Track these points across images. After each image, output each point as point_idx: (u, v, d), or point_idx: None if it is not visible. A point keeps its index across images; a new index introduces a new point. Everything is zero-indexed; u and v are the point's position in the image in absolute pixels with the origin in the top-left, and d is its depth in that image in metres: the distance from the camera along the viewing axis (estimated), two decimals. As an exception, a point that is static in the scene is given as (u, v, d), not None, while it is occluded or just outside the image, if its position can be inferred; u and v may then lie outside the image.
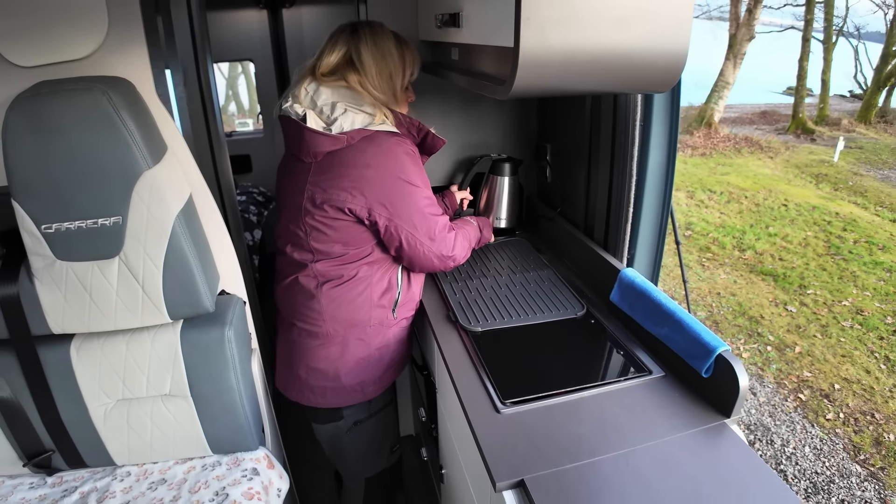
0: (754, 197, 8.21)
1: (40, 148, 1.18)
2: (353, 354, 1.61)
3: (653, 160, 1.55)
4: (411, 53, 1.55)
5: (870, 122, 13.86)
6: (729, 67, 12.00)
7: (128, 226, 1.26)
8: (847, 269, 6.01)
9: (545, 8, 0.95)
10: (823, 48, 13.67)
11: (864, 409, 3.99)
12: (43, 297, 1.32)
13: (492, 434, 1.18)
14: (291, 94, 1.49)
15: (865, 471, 3.47)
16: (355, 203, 1.43)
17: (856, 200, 8.29)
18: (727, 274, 5.98)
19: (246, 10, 3.82)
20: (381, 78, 1.48)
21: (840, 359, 4.52)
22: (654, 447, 1.15)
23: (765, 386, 4.21)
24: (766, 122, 13.99)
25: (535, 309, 1.68)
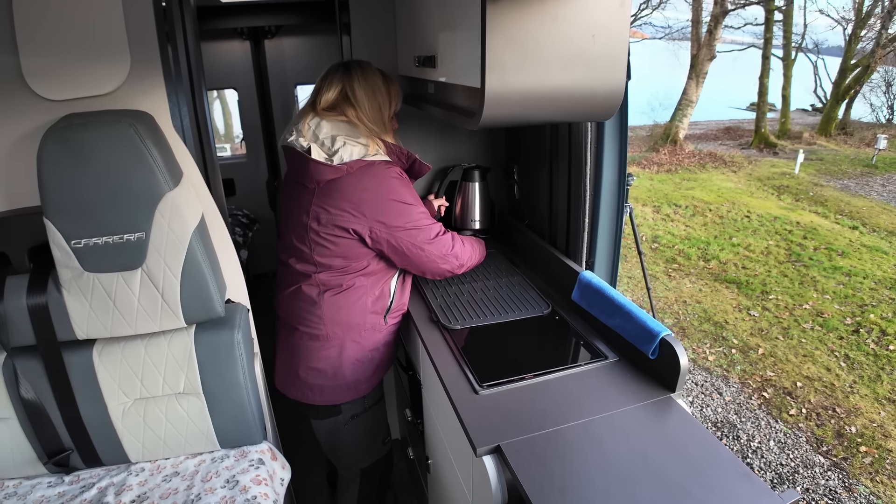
0: (718, 210, 8.56)
1: (73, 173, 1.36)
2: (349, 355, 1.81)
3: (606, 176, 1.79)
4: (395, 88, 1.78)
5: (830, 134, 14.44)
6: (692, 86, 12.49)
7: (150, 240, 1.45)
8: (808, 274, 6.34)
9: (504, 56, 1.18)
10: (783, 65, 14.24)
11: (826, 404, 4.26)
12: (70, 306, 1.49)
13: (471, 411, 1.39)
14: (295, 129, 1.72)
15: (828, 461, 3.71)
16: (357, 223, 1.65)
17: (816, 210, 8.69)
18: (693, 283, 6.26)
19: (230, 40, 3.99)
20: (372, 111, 1.71)
21: (801, 358, 4.80)
22: (609, 417, 1.36)
23: (730, 386, 4.46)
24: (731, 138, 14.52)
25: (507, 308, 1.90)
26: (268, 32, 4.04)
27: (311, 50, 4.15)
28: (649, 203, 8.96)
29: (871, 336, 5.12)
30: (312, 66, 4.14)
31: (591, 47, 1.23)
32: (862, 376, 4.58)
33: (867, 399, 4.31)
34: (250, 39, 4.03)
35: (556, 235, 2.06)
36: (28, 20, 1.44)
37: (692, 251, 7.08)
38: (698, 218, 8.31)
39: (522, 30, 1.17)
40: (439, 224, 1.81)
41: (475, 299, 1.97)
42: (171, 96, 1.60)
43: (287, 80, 4.21)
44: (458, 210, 2.39)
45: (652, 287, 6.10)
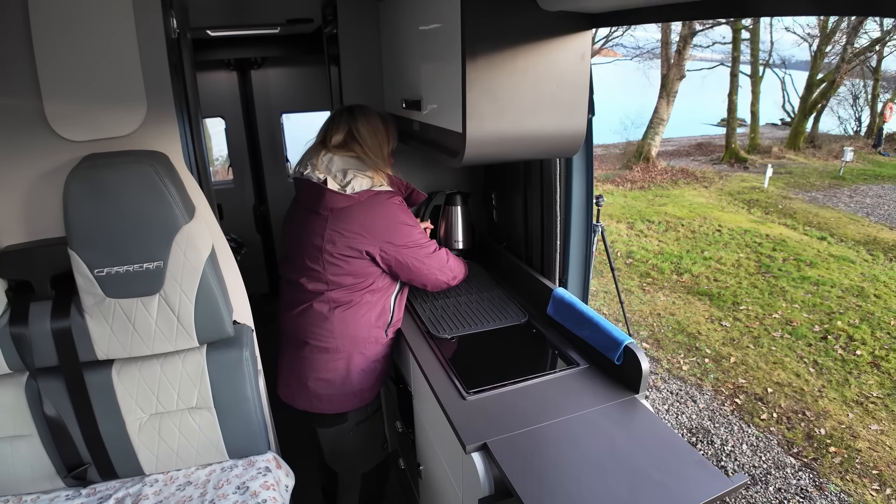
0: (690, 224, 8.85)
1: (97, 209, 1.52)
2: (355, 366, 2.00)
3: (575, 201, 2.00)
4: (392, 128, 2.01)
5: (799, 147, 14.92)
6: (663, 105, 12.88)
7: (168, 268, 1.61)
8: (777, 285, 6.61)
9: (482, 106, 1.40)
10: (751, 82, 14.73)
11: (796, 408, 4.47)
12: (92, 329, 1.64)
13: (460, 414, 1.56)
14: (310, 163, 1.92)
15: (799, 462, 3.92)
16: (369, 244, 1.86)
17: (785, 222, 9.02)
18: (666, 296, 6.49)
19: (217, 71, 4.14)
20: (374, 147, 1.93)
21: (772, 365, 5.03)
22: (582, 416, 1.55)
23: (704, 394, 4.67)
24: (702, 154, 14.95)
25: (489, 319, 2.13)
26: (254, 63, 4.20)
27: (296, 80, 4.32)
28: (623, 220, 9.23)
29: (838, 342, 5.37)
30: (297, 95, 4.31)
31: (557, 95, 1.45)
32: (830, 381, 4.82)
33: (836, 402, 4.54)
34: (237, 70, 4.18)
35: (531, 256, 2.27)
36: (50, 67, 1.59)
37: (665, 265, 7.32)
38: (671, 233, 8.59)
39: (497, 83, 1.39)
40: (435, 242, 2.02)
41: (460, 311, 2.18)
42: (183, 137, 1.77)
43: (272, 108, 4.36)
44: (443, 232, 2.59)
45: (627, 301, 6.32)
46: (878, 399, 4.56)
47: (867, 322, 5.69)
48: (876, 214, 9.49)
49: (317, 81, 4.10)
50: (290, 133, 4.44)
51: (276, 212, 4.44)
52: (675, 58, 12.55)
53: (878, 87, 15.86)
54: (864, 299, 6.17)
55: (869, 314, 5.84)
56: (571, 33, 1.42)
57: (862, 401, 4.56)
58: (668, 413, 4.44)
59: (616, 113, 15.42)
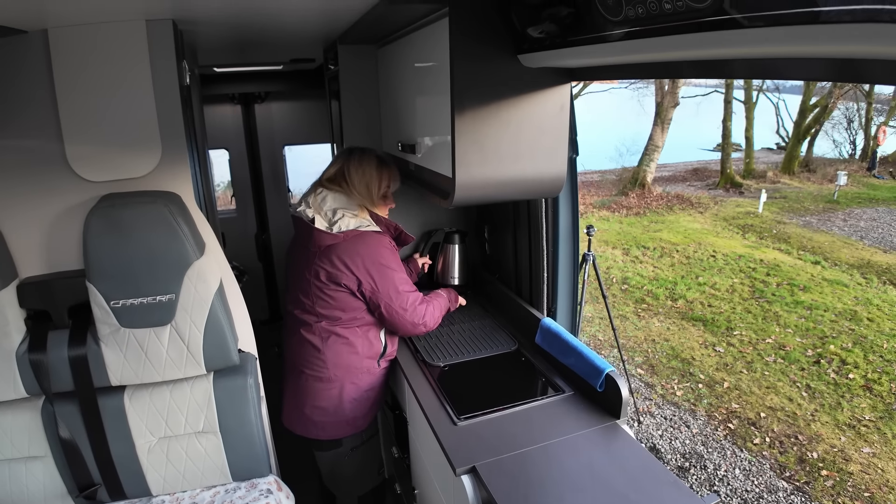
0: (685, 250, 8.96)
1: (115, 245, 1.64)
2: (348, 395, 2.10)
3: (562, 235, 2.12)
4: (389, 171, 2.13)
5: (793, 172, 15.03)
6: (658, 132, 13.05)
7: (179, 301, 1.72)
8: (770, 309, 6.70)
9: (470, 154, 1.54)
10: (745, 107, 14.91)
11: (789, 432, 4.54)
12: (107, 357, 1.74)
13: (451, 438, 1.67)
14: (304, 201, 2.06)
15: (791, 486, 3.98)
16: (349, 279, 1.97)
17: (780, 247, 9.12)
18: (661, 322, 6.58)
19: (222, 104, 4.28)
20: (361, 186, 2.05)
21: (765, 390, 5.10)
22: (566, 440, 1.65)
23: (697, 419, 4.74)
24: (698, 179, 15.10)
25: (480, 348, 2.24)
26: (258, 97, 4.35)
27: (299, 113, 4.46)
28: (619, 246, 9.36)
29: (831, 366, 5.45)
30: (299, 128, 4.46)
31: (538, 143, 1.59)
32: (823, 405, 4.89)
33: (828, 426, 4.61)
34: (241, 104, 4.33)
35: (521, 287, 2.39)
36: (71, 112, 1.73)
37: (660, 291, 7.43)
38: (666, 259, 8.70)
39: (483, 134, 1.53)
40: (418, 294, 2.12)
41: (453, 340, 2.30)
42: (194, 178, 1.90)
43: (275, 141, 4.50)
44: (440, 268, 2.73)
45: (623, 327, 6.41)
46: (871, 422, 4.63)
47: (860, 346, 5.77)
48: (870, 238, 9.60)
49: (318, 115, 4.25)
50: (291, 164, 4.57)
51: (277, 240, 4.55)
52: (670, 86, 12.77)
53: (871, 110, 16.02)
54: (858, 323, 6.25)
55: (862, 338, 5.92)
56: (551, 87, 1.56)
57: (854, 424, 4.62)
58: (662, 438, 4.50)
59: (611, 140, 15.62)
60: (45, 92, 1.71)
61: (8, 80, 1.69)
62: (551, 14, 1.23)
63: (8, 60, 1.67)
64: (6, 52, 1.66)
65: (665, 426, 4.65)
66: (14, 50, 1.67)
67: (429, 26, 1.71)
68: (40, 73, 1.70)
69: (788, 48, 0.84)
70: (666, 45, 1.01)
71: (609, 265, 8.41)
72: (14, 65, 1.68)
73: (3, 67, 1.67)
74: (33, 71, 1.69)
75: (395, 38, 2.14)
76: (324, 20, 1.98)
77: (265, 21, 1.92)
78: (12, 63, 1.68)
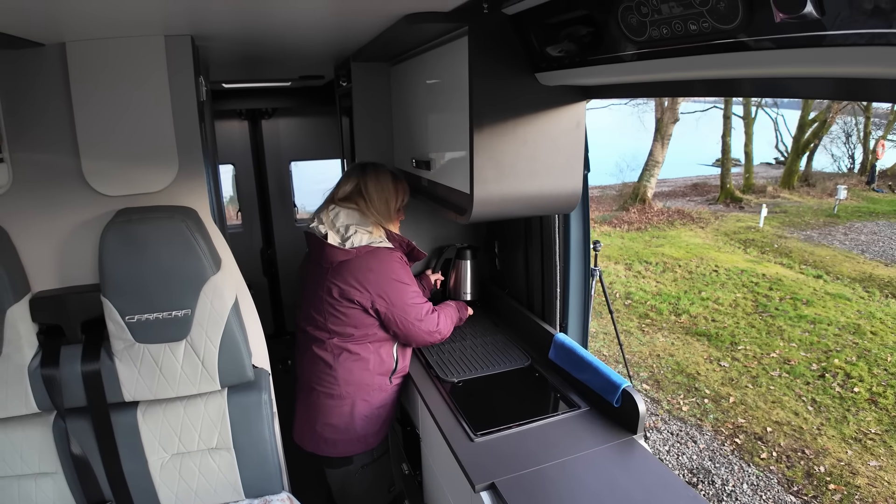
0: (687, 265, 8.98)
1: (132, 260, 1.64)
2: (359, 412, 2.09)
3: (574, 249, 2.13)
4: (403, 186, 2.14)
5: (793, 186, 15.08)
6: (658, 148, 13.13)
7: (195, 316, 1.72)
8: (774, 324, 6.70)
9: (487, 171, 1.56)
10: (744, 123, 15.01)
11: (795, 446, 4.53)
12: (121, 372, 1.73)
13: (468, 455, 1.66)
14: (317, 217, 2.06)
15: (799, 500, 3.97)
16: (362, 296, 1.97)
17: (781, 261, 9.15)
18: (665, 337, 6.58)
19: (229, 120, 4.31)
20: (380, 203, 2.06)
21: (770, 405, 5.09)
22: (584, 456, 1.64)
23: (704, 434, 4.72)
24: (698, 194, 15.16)
25: (493, 363, 2.23)
26: (265, 113, 4.38)
27: (305, 129, 4.49)
28: (621, 261, 9.38)
29: (836, 380, 5.45)
30: (306, 144, 4.48)
31: (554, 160, 1.60)
32: (829, 418, 4.89)
33: (834, 440, 4.60)
34: (248, 119, 4.36)
35: (532, 302, 2.39)
36: (88, 127, 1.73)
37: (664, 306, 7.43)
38: (668, 274, 8.72)
39: (500, 151, 1.55)
40: (429, 304, 2.13)
41: (465, 355, 2.29)
42: (210, 193, 1.91)
43: (282, 157, 4.52)
44: (452, 283, 2.74)
45: (627, 342, 6.41)
46: (877, 435, 4.62)
47: (864, 359, 5.77)
48: (871, 251, 9.63)
49: (325, 131, 4.27)
50: (297, 179, 4.59)
51: (282, 255, 4.56)
52: (669, 102, 12.86)
53: (869, 124, 16.11)
54: (861, 336, 6.26)
55: (866, 351, 5.93)
56: (567, 104, 1.58)
57: (860, 437, 4.61)
58: (669, 454, 4.48)
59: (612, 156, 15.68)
60: (61, 105, 1.71)
61: (24, 93, 1.69)
62: (571, 33, 1.24)
63: (24, 73, 1.68)
64: (22, 64, 1.67)
65: (672, 441, 4.64)
66: (30, 63, 1.68)
67: (446, 45, 1.73)
68: (56, 87, 1.70)
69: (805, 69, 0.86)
70: (685, 64, 1.03)
71: (612, 280, 8.42)
72: (30, 77, 1.68)
73: (19, 80, 1.68)
74: (49, 84, 1.70)
75: (409, 56, 2.17)
76: (340, 38, 2.00)
77: (281, 39, 1.94)
78: (28, 76, 1.68)
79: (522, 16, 1.40)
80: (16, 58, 1.66)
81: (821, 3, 0.74)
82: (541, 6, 1.29)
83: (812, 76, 0.92)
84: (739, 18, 0.85)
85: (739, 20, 0.85)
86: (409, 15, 1.47)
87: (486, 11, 1.39)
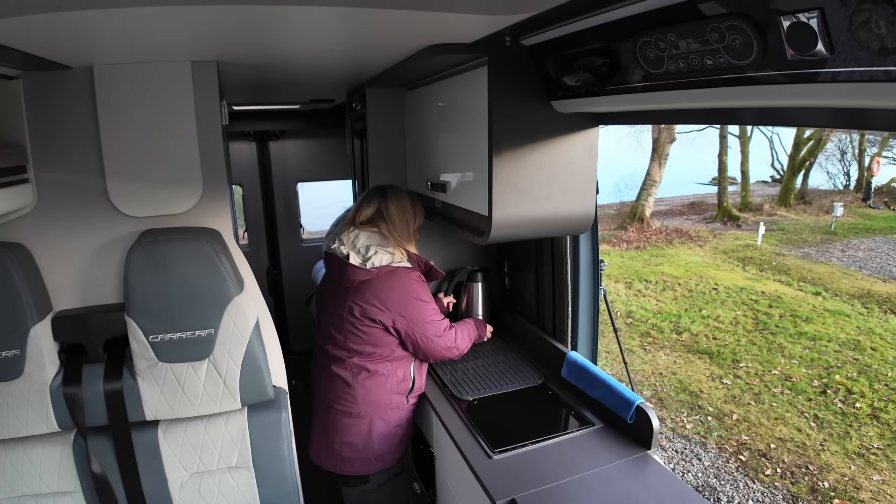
0: (687, 283, 9.04)
1: (157, 279, 1.68)
2: (377, 431, 2.12)
3: (582, 270, 2.18)
4: (419, 207, 2.21)
5: (789, 204, 15.23)
6: (655, 167, 13.27)
7: (218, 336, 1.76)
8: (774, 341, 6.74)
9: (505, 193, 1.62)
10: (740, 142, 15.21)
11: (799, 462, 4.55)
12: (143, 391, 1.76)
13: (487, 472, 1.69)
14: (338, 239, 2.11)
15: (804, 515, 3.99)
16: (384, 316, 2.01)
17: (780, 279, 9.21)
18: (667, 355, 6.61)
19: (237, 141, 4.37)
20: (401, 225, 2.12)
21: (773, 421, 5.11)
22: (600, 472, 1.68)
23: (708, 451, 4.74)
24: (695, 213, 15.28)
25: (506, 382, 2.27)
26: (273, 135, 4.45)
27: (313, 151, 4.55)
28: (621, 280, 9.43)
29: (837, 396, 5.48)
30: (313, 165, 4.55)
31: (568, 184, 1.67)
32: (831, 434, 4.91)
33: (838, 455, 4.62)
34: (256, 141, 4.42)
35: (543, 321, 2.44)
36: (114, 149, 1.77)
37: (665, 324, 7.47)
38: (668, 292, 8.77)
39: (517, 175, 1.61)
40: (446, 320, 2.18)
41: (478, 374, 2.33)
42: (232, 215, 1.96)
43: (289, 178, 4.58)
44: (464, 306, 2.79)
45: (629, 360, 6.43)
46: (879, 450, 4.65)
47: (865, 375, 5.81)
48: (869, 268, 9.71)
49: (332, 152, 4.34)
50: (304, 200, 4.65)
51: (288, 275, 4.59)
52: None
53: (864, 141, 16.30)
54: (861, 352, 6.30)
55: (866, 367, 5.97)
56: (581, 130, 1.65)
57: (863, 452, 4.64)
58: (675, 472, 4.49)
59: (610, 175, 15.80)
60: (87, 127, 1.76)
61: (50, 115, 1.74)
62: (587, 64, 1.31)
63: (51, 95, 1.72)
64: (49, 86, 1.72)
65: (677, 459, 4.65)
66: (57, 85, 1.72)
67: (464, 73, 1.80)
68: (83, 109, 1.75)
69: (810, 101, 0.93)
70: (697, 96, 1.10)
71: (612, 299, 8.45)
72: (57, 99, 1.73)
73: (47, 101, 1.72)
74: (76, 106, 1.74)
75: (424, 82, 2.24)
76: (359, 66, 2.06)
77: (301, 66, 2.00)
78: (55, 97, 1.73)
79: (540, 47, 1.47)
80: (43, 80, 1.71)
81: (830, 42, 0.80)
82: (559, 38, 1.36)
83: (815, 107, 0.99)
84: (754, 55, 0.91)
85: (754, 56, 0.91)
86: (432, 46, 1.54)
87: (508, 43, 1.46)
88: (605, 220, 14.07)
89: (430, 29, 1.36)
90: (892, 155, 16.12)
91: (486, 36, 1.42)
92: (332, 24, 1.28)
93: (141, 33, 1.34)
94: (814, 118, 1.05)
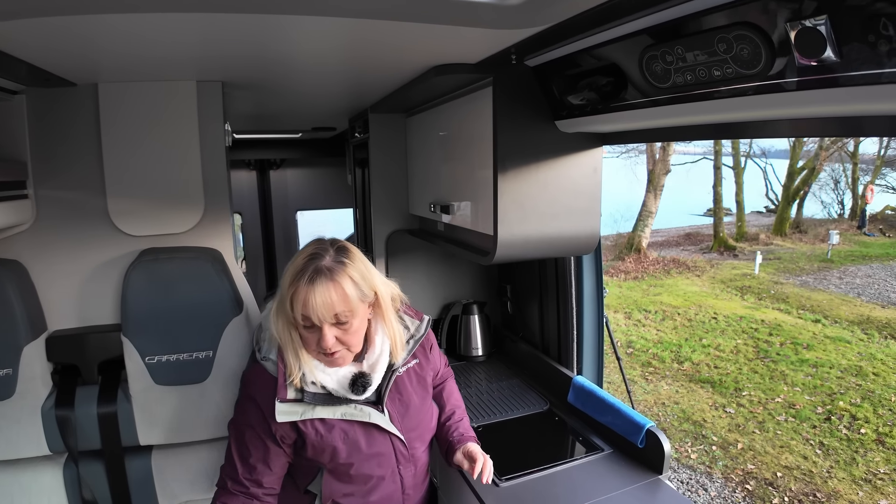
0: (686, 313, 9.00)
1: (156, 299, 1.65)
2: None
3: (587, 293, 2.16)
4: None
5: (785, 233, 15.30)
6: (650, 198, 13.36)
7: (216, 359, 1.72)
8: (776, 369, 6.68)
9: (510, 213, 1.61)
10: (734, 173, 15.32)
11: (807, 490, 4.47)
12: (137, 415, 1.71)
13: (495, 500, 1.64)
14: None
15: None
16: None
17: (779, 307, 9.19)
18: (669, 385, 6.54)
19: (238, 170, 4.36)
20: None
21: (779, 449, 5.03)
22: (610, 499, 1.63)
23: (714, 481, 4.64)
24: (692, 243, 15.34)
25: (511, 408, 2.21)
26: (273, 164, 4.45)
27: (312, 180, 4.56)
28: (621, 310, 9.39)
29: (842, 422, 5.42)
30: (313, 194, 4.55)
31: (573, 203, 1.66)
32: (838, 461, 4.84)
33: (845, 482, 4.55)
34: (257, 169, 4.42)
35: (547, 346, 2.40)
36: (116, 168, 1.75)
37: (666, 354, 7.41)
38: (668, 322, 8.72)
39: (522, 194, 1.61)
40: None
41: (482, 401, 2.27)
42: (235, 237, 1.94)
43: (289, 206, 4.57)
44: (461, 341, 2.73)
45: (631, 390, 6.35)
46: (886, 475, 4.60)
47: (868, 400, 5.76)
48: (867, 294, 9.71)
49: (333, 181, 4.35)
50: (303, 228, 4.63)
51: (286, 304, 4.54)
52: (661, 154, 13.17)
53: (856, 170, 16.45)
54: (864, 378, 6.26)
55: (869, 392, 5.92)
56: (585, 150, 1.65)
57: (870, 478, 4.58)
58: (681, 503, 4.40)
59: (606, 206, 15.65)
60: (90, 145, 1.74)
61: (53, 131, 1.72)
62: (592, 82, 1.32)
63: (54, 111, 1.71)
64: (53, 103, 1.71)
65: (683, 490, 4.55)
66: (61, 102, 1.71)
67: (468, 95, 1.81)
68: (86, 126, 1.74)
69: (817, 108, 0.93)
70: (704, 108, 1.10)
71: (612, 328, 8.37)
72: (60, 116, 1.72)
73: (49, 118, 1.71)
74: (79, 123, 1.73)
75: (426, 107, 2.25)
76: (365, 88, 2.06)
77: (305, 88, 2.00)
78: (58, 114, 1.72)
79: (545, 67, 1.49)
80: (47, 96, 1.70)
81: (839, 47, 0.80)
82: (564, 57, 1.37)
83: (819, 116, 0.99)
84: (762, 64, 0.91)
85: (762, 65, 0.91)
86: (438, 66, 1.55)
87: (514, 62, 1.47)
88: (603, 251, 13.96)
89: (436, 46, 1.37)
90: (885, 183, 16.30)
91: (492, 55, 1.43)
92: (338, 36, 1.28)
93: (148, 45, 1.32)
94: (815, 128, 1.05)
